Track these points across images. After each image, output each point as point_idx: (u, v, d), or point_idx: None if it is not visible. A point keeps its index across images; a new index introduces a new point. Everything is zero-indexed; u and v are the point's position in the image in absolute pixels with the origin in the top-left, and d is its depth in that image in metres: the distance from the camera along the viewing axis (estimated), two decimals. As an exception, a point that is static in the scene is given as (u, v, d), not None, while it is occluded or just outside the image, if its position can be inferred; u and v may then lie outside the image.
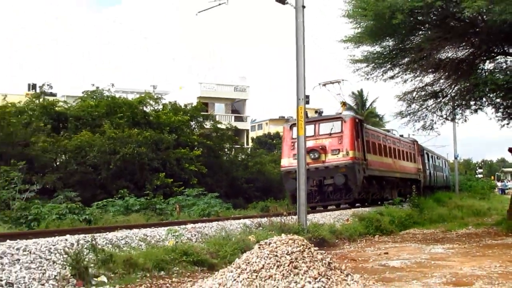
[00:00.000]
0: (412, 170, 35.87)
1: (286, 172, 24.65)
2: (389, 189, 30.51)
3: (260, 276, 8.50)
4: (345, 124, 23.99)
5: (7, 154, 26.19)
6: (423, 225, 23.32)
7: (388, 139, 31.54)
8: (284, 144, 25.68)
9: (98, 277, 9.18)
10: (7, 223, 18.28)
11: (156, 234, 12.49)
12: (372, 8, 18.96)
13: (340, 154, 23.59)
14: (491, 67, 23.15)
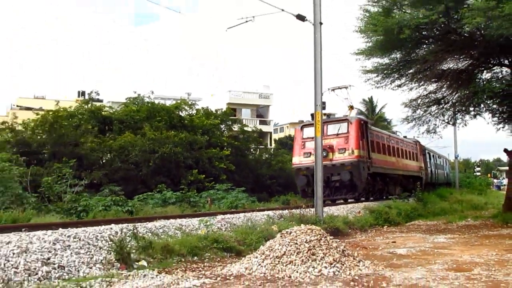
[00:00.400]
0: (414, 168, 35.30)
1: (297, 169, 24.60)
2: (393, 185, 30.04)
3: (282, 261, 8.50)
4: (351, 125, 23.70)
5: (60, 153, 26.44)
6: (427, 217, 23.18)
7: (392, 140, 30.97)
8: (295, 144, 25.45)
9: (139, 262, 9.22)
10: (59, 213, 18.43)
11: (190, 224, 12.52)
12: (382, 24, 18.95)
13: (346, 153, 23.29)
14: (489, 76, 23.16)
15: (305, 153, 24.19)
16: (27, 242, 8.29)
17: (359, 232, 16.98)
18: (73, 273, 8.10)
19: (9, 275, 7.27)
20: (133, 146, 27.94)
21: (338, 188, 23.72)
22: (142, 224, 11.42)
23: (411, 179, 33.71)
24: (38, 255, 8.07)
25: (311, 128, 23.00)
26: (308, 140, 23.92)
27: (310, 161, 23.09)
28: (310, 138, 23.56)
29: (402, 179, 31.81)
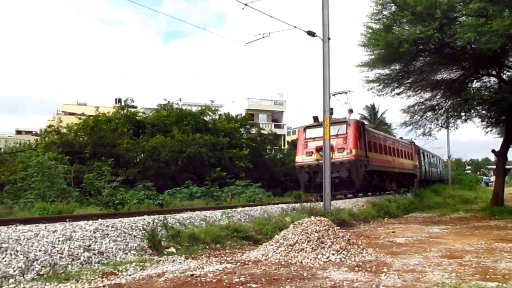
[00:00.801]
0: (409, 166, 34.74)
1: (300, 166, 24.06)
2: (389, 182, 29.49)
3: (294, 249, 8.50)
4: (349, 127, 23.16)
5: (99, 153, 26.62)
6: (423, 210, 23.11)
7: (388, 140, 30.35)
8: (298, 144, 24.97)
9: (169, 249, 9.27)
10: (99, 206, 18.56)
11: (213, 215, 12.56)
12: (383, 39, 18.93)
13: (345, 152, 22.72)
14: (478, 85, 23.18)
15: (307, 152, 23.88)
16: (70, 231, 8.37)
17: (363, 223, 16.92)
18: (110, 258, 8.16)
19: (55, 259, 7.34)
20: (164, 147, 28.01)
21: (337, 185, 22.65)
22: (171, 216, 11.46)
23: (406, 176, 33.34)
24: (81, 242, 8.14)
25: (313, 129, 23.78)
26: (310, 140, 23.86)
27: (312, 159, 23.25)
28: (311, 138, 23.75)
29: (398, 176, 31.25)
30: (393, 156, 30.13)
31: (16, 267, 6.75)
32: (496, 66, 21.60)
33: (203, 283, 6.50)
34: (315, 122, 24.11)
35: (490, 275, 6.95)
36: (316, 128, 23.30)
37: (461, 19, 17.84)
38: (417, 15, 17.74)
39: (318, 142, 22.33)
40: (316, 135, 23.21)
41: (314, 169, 23.05)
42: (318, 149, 22.43)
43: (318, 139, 22.35)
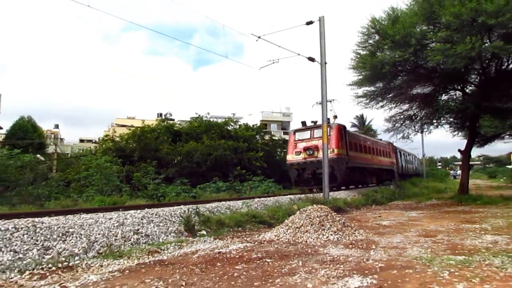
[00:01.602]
0: (387, 163, 33.05)
1: (290, 164, 22.73)
2: (369, 176, 28.14)
3: (300, 230, 8.46)
4: (332, 129, 21.46)
5: (145, 156, 26.77)
6: (403, 199, 22.83)
7: (368, 141, 28.71)
8: (289, 145, 23.43)
9: (200, 231, 9.27)
10: (145, 198, 18.65)
11: (235, 204, 12.55)
12: (369, 63, 18.95)
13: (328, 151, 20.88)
14: (446, 98, 23.03)
15: (296, 152, 22.56)
16: (123, 218, 8.41)
17: (355, 209, 16.79)
18: (155, 239, 8.19)
19: (111, 241, 7.37)
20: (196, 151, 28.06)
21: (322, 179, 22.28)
22: (202, 205, 11.48)
23: (385, 171, 32.12)
24: (131, 227, 8.18)
25: (301, 132, 22.87)
26: (299, 142, 22.71)
27: (300, 158, 22.16)
28: (300, 140, 22.70)
29: (377, 171, 29.90)
30: (373, 154, 28.68)
31: (81, 247, 6.79)
32: (461, 82, 21.47)
33: (228, 258, 6.49)
34: (303, 126, 23.41)
35: (458, 250, 6.84)
36: (304, 131, 22.86)
37: (431, 45, 17.72)
38: (396, 43, 17.67)
39: (305, 143, 22.05)
40: (303, 137, 22.60)
41: (302, 166, 22.12)
42: (305, 149, 21.84)
43: (306, 140, 22.18)
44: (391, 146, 35.22)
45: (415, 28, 17.72)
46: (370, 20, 19.34)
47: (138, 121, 40.65)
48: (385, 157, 32.42)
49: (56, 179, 22.62)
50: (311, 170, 21.75)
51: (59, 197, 17.76)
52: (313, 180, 21.52)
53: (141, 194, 20.16)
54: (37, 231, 6.70)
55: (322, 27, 16.77)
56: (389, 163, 33.51)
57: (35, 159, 21.91)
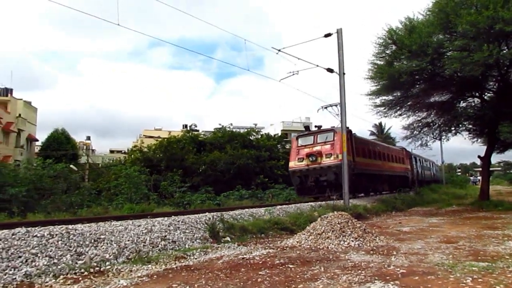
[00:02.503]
0: (401, 169, 30.45)
1: (292, 171, 20.75)
2: (380, 183, 25.64)
3: (322, 237, 8.37)
4: (336, 134, 19.51)
5: (171, 166, 27.05)
6: (423, 205, 22.40)
7: (377, 146, 26.39)
8: (292, 151, 21.44)
9: (225, 238, 9.26)
10: (172, 206, 18.80)
11: (258, 211, 12.50)
12: (386, 73, 18.75)
13: (332, 157, 19.44)
14: (464, 105, 22.50)
15: (299, 158, 20.58)
16: (151, 225, 8.47)
17: (375, 216, 16.51)
18: (181, 245, 8.20)
19: (139, 247, 7.42)
20: (220, 160, 28.23)
21: (326, 187, 19.55)
22: (226, 212, 11.47)
23: (398, 178, 29.33)
24: (159, 233, 8.22)
25: (304, 138, 21.16)
26: (302, 148, 20.72)
27: (303, 165, 20.23)
28: (303, 146, 20.79)
29: (389, 178, 27.21)
30: (383, 160, 26.23)
31: (111, 253, 6.86)
32: (479, 89, 21.02)
33: (252, 264, 6.45)
34: (306, 131, 21.85)
35: (481, 256, 6.65)
36: (307, 136, 21.17)
37: (448, 54, 17.46)
38: (413, 53, 17.46)
39: (308, 149, 20.27)
40: (306, 143, 20.79)
41: (305, 173, 20.26)
42: (308, 155, 19.99)
43: (309, 146, 20.45)
44: (404, 151, 33.21)
45: (431, 38, 17.49)
46: (386, 30, 19.18)
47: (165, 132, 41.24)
48: (398, 163, 30.19)
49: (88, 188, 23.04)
50: (314, 177, 20.11)
51: (91, 205, 18.07)
52: (316, 188, 20.01)
53: (168, 202, 20.34)
54: (70, 238, 6.80)
55: (340, 39, 16.73)
56: (402, 170, 31.37)
57: (68, 169, 22.35)
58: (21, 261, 5.87)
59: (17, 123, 44.55)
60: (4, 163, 22.52)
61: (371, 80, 21.02)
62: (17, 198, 16.08)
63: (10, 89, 46.45)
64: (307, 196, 19.80)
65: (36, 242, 6.34)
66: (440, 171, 52.46)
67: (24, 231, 6.54)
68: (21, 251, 6.04)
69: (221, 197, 22.40)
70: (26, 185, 17.32)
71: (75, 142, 53.14)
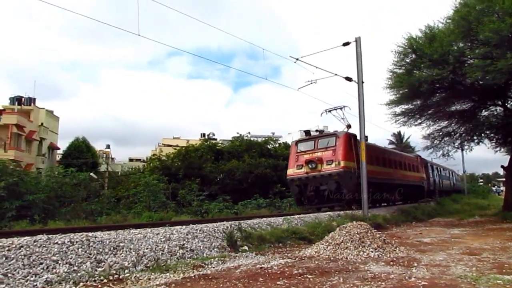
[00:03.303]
0: (415, 178, 28.27)
1: (291, 180, 19.22)
2: (391, 193, 23.14)
3: (341, 247, 8.28)
4: (339, 139, 18.40)
5: (189, 174, 27.17)
6: (444, 215, 22.00)
7: (388, 153, 24.57)
8: (290, 157, 19.92)
9: (243, 247, 9.24)
10: (190, 214, 18.88)
11: (276, 221, 12.44)
12: (406, 81, 18.57)
13: (333, 164, 17.97)
14: (487, 114, 22.11)
15: (298, 165, 19.07)
16: (169, 233, 8.50)
17: (394, 226, 16.28)
18: (199, 254, 8.21)
19: (158, 255, 7.46)
20: (237, 169, 28.23)
21: (326, 197, 18.27)
22: (244, 221, 11.45)
23: (412, 187, 27.02)
24: (177, 242, 8.25)
25: (304, 143, 19.79)
26: (301, 154, 19.24)
27: (303, 172, 18.72)
28: (302, 152, 19.30)
29: (401, 187, 24.52)
30: (394, 168, 24.23)
31: (130, 261, 6.91)
32: (501, 97, 20.64)
33: (270, 274, 6.42)
34: (307, 136, 20.25)
35: (505, 269, 6.48)
36: (307, 141, 19.69)
37: (469, 62, 17.21)
38: (434, 61, 17.27)
39: (309, 155, 18.80)
40: (307, 149, 19.29)
41: (304, 181, 18.75)
42: (308, 162, 18.48)
43: (309, 152, 18.97)
44: (419, 159, 30.97)
45: (452, 46, 17.29)
46: (406, 39, 19.03)
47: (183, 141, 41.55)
48: (411, 172, 28.01)
49: (108, 195, 23.33)
50: (313, 186, 18.62)
51: (110, 213, 18.29)
52: (316, 198, 18.66)
53: (186, 210, 20.43)
54: (90, 245, 6.88)
55: (358, 48, 16.66)
56: (417, 178, 29.11)
57: (88, 177, 22.68)
58: (42, 267, 5.95)
59: (39, 132, 45.57)
60: (26, 171, 22.98)
61: (390, 88, 20.85)
62: (38, 206, 16.38)
63: (33, 98, 47.65)
64: (307, 206, 18.72)
65: (57, 249, 6.43)
66: (462, 181, 51.44)
67: (45, 238, 6.63)
68: (42, 258, 6.13)
69: (238, 206, 22.37)
70: (47, 192, 17.63)
71: (95, 150, 54.00)
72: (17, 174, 17.77)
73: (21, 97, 46.61)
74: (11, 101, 46.23)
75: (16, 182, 16.74)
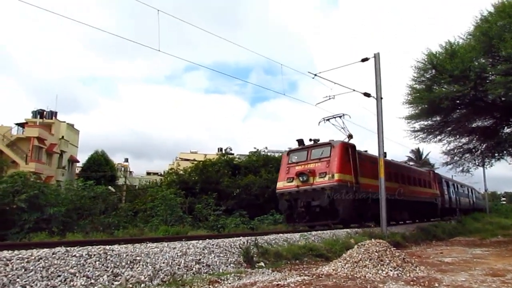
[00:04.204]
0: (426, 194, 25.93)
1: (280, 194, 17.49)
2: (397, 211, 21.00)
3: (359, 265, 8.15)
4: (334, 149, 16.70)
5: (206, 189, 27.22)
6: (465, 234, 21.52)
7: (393, 166, 21.81)
8: (281, 169, 18.29)
9: (259, 263, 9.17)
10: (206, 228, 18.87)
11: (293, 237, 12.33)
12: (426, 97, 18.44)
13: (327, 177, 16.20)
14: (509, 131, 21.64)
15: (289, 178, 17.33)
16: (186, 248, 8.49)
17: (414, 244, 15.97)
18: (215, 269, 8.18)
19: (174, 270, 7.45)
20: (254, 184, 28.17)
21: (318, 214, 16.49)
22: (260, 237, 11.37)
23: (421, 205, 24.68)
24: (193, 256, 8.23)
25: (297, 153, 18.18)
26: (293, 166, 17.61)
27: (293, 186, 17.04)
28: (294, 163, 17.72)
29: (409, 204, 22.43)
30: (401, 183, 21.73)
31: (146, 275, 6.91)
32: (524, 114, 20.33)
33: (286, 291, 6.34)
34: (300, 146, 18.42)
35: (530, 291, 6.28)
36: (300, 151, 18.06)
37: (491, 78, 17.01)
38: (454, 77, 17.12)
39: (300, 167, 17.20)
40: (299, 160, 17.74)
41: (294, 196, 16.97)
42: (298, 174, 16.83)
43: (301, 164, 17.36)
44: (432, 174, 29.02)
45: (473, 62, 17.13)
46: (426, 54, 18.95)
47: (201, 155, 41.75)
48: (422, 187, 25.77)
49: (125, 209, 23.50)
50: (304, 201, 16.70)
51: (127, 226, 18.41)
52: (307, 215, 16.81)
53: (202, 224, 20.43)
54: (107, 258, 6.91)
55: (377, 63, 16.65)
56: (429, 195, 26.69)
57: (107, 191, 22.93)
58: (60, 280, 6.00)
59: (60, 145, 46.43)
60: (46, 184, 23.36)
61: (409, 104, 20.74)
62: (56, 218, 16.59)
63: (55, 112, 48.70)
64: (298, 224, 17.09)
65: (75, 261, 6.48)
66: (484, 199, 50.28)
67: (64, 251, 6.69)
68: (60, 270, 6.18)
69: (255, 221, 22.27)
70: (66, 205, 17.86)
71: (114, 163, 54.63)
72: (37, 186, 18.06)
73: (43, 111, 47.69)
74: (34, 115, 47.32)
75: (37, 195, 17.01)
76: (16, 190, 16.89)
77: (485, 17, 17.31)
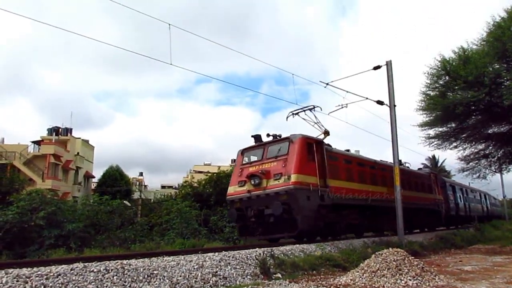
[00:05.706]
0: (426, 200, 22.60)
1: (230, 201, 14.39)
2: (386, 219, 17.74)
3: (377, 275, 8.08)
4: (292, 145, 13.60)
5: (221, 200, 27.15)
6: (485, 242, 21.08)
7: (377, 166, 18.83)
8: (234, 171, 15.40)
9: (276, 274, 9.13)
10: (222, 241, 18.86)
11: (309, 247, 12.26)
12: (440, 104, 18.35)
13: (282, 179, 13.09)
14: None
15: (240, 182, 14.24)
16: (202, 261, 8.51)
17: (432, 253, 15.73)
18: (232, 281, 8.17)
19: (191, 283, 7.47)
20: (268, 195, 28.14)
21: (273, 224, 13.29)
22: (277, 248, 11.34)
23: (421, 212, 21.65)
24: (210, 269, 8.24)
25: (252, 152, 15.28)
26: (246, 166, 14.61)
27: (244, 191, 13.91)
28: (248, 164, 14.80)
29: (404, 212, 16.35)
30: (389, 187, 17.79)
31: (164, 289, 6.95)
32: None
33: (304, 302, 6.31)
34: (256, 143, 15.13)
35: (554, 299, 6.15)
36: (255, 149, 15.04)
37: (506, 83, 16.85)
38: (469, 83, 17.02)
39: (254, 168, 14.21)
40: (253, 159, 14.96)
41: (245, 203, 13.90)
42: (249, 176, 13.76)
43: (255, 164, 14.40)
44: (433, 176, 25.50)
45: (487, 68, 17.01)
46: (439, 61, 18.88)
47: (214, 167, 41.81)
48: (422, 192, 22.55)
49: (141, 223, 23.61)
50: (256, 210, 13.62)
51: (143, 240, 18.50)
52: (260, 226, 13.75)
53: (218, 237, 20.42)
54: (125, 273, 6.97)
55: (390, 71, 16.59)
56: (429, 201, 23.34)
57: (123, 205, 23.10)
58: (79, 295, 6.07)
59: (75, 161, 47.01)
60: (63, 200, 23.65)
61: (423, 111, 20.65)
62: (74, 234, 16.77)
63: (70, 128, 49.43)
64: (249, 237, 14.59)
65: (93, 277, 6.55)
66: (501, 206, 49.24)
67: (82, 266, 6.77)
68: (79, 286, 6.25)
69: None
70: (83, 221, 18.05)
71: (129, 178, 55.04)
72: (55, 203, 18.30)
73: (58, 128, 48.45)
74: (49, 132, 48.09)
75: (55, 211, 17.23)
76: (34, 208, 17.12)
77: (497, 22, 17.23)
